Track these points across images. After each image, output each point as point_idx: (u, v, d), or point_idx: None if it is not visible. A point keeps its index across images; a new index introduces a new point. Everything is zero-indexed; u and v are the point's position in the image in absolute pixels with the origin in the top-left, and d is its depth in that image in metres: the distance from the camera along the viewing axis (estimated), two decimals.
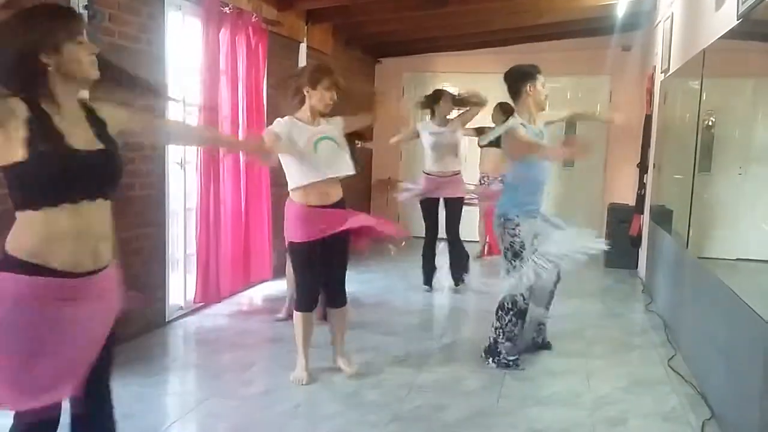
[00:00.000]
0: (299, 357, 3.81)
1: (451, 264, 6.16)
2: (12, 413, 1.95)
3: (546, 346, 4.47)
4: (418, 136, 5.98)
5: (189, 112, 4.98)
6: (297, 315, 3.79)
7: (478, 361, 4.22)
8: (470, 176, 7.34)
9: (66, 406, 2.04)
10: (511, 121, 4.05)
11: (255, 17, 5.50)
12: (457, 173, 5.94)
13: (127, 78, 2.15)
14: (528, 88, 4.03)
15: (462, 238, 6.07)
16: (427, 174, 5.93)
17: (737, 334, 3.19)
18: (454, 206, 5.97)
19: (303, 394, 3.66)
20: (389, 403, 3.56)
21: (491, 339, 4.17)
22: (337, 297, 3.87)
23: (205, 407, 3.51)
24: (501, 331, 4.11)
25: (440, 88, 6.34)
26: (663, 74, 6.21)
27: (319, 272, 3.75)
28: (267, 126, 5.80)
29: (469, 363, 4.23)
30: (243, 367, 3.99)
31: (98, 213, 1.96)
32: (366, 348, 4.42)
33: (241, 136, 5.35)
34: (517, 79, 4.07)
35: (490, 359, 4.15)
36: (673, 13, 5.83)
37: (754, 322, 2.84)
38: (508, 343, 4.11)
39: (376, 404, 3.54)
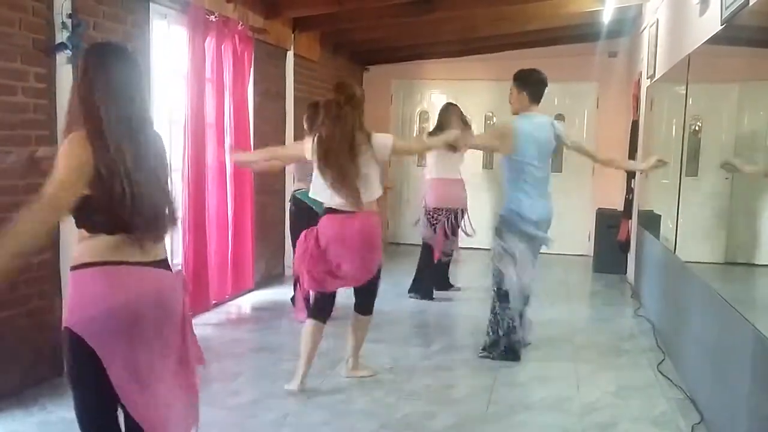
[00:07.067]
0: None
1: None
2: None
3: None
4: None
5: (174, 120, 4.96)
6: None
7: (468, 367, 4.21)
8: None
9: None
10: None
11: (241, 25, 5.48)
12: None
13: None
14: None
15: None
16: None
17: (726, 338, 3.19)
18: None
19: (291, 404, 3.62)
20: (378, 411, 3.54)
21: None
22: None
23: None
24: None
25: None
26: (649, 80, 6.24)
27: None
28: (252, 133, 5.83)
29: (459, 370, 4.21)
30: (230, 377, 3.95)
31: None
32: None
33: (227, 144, 5.33)
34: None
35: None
36: (658, 19, 5.86)
37: (742, 326, 2.84)
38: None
39: (364, 412, 3.52)
